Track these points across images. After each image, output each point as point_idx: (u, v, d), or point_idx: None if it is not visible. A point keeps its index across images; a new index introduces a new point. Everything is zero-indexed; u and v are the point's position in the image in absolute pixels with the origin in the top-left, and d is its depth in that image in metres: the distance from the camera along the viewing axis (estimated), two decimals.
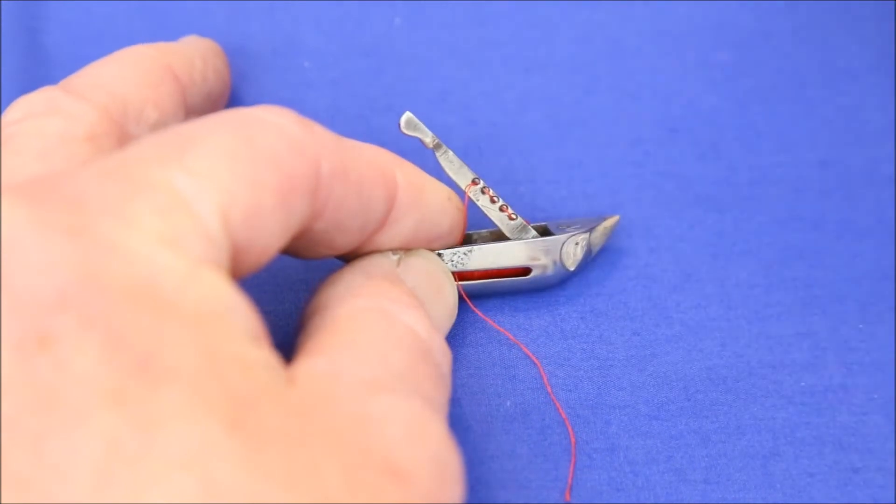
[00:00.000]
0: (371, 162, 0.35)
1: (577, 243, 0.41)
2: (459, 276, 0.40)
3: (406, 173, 0.36)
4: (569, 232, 0.41)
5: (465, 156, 0.45)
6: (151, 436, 0.25)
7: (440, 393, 0.34)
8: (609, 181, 0.44)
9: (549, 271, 0.41)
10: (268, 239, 0.31)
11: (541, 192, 0.45)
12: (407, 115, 0.40)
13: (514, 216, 0.41)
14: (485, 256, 0.40)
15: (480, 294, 0.41)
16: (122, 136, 0.36)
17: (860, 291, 0.43)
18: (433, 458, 0.30)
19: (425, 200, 0.37)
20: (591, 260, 0.42)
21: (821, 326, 0.42)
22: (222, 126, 0.31)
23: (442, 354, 0.35)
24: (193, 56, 0.41)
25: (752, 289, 0.43)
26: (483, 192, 0.41)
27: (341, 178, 0.33)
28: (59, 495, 0.24)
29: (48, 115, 0.35)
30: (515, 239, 0.41)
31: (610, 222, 0.42)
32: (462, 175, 0.41)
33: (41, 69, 0.47)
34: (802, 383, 0.40)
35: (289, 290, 0.42)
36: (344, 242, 0.35)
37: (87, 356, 0.26)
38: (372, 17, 0.49)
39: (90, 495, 0.24)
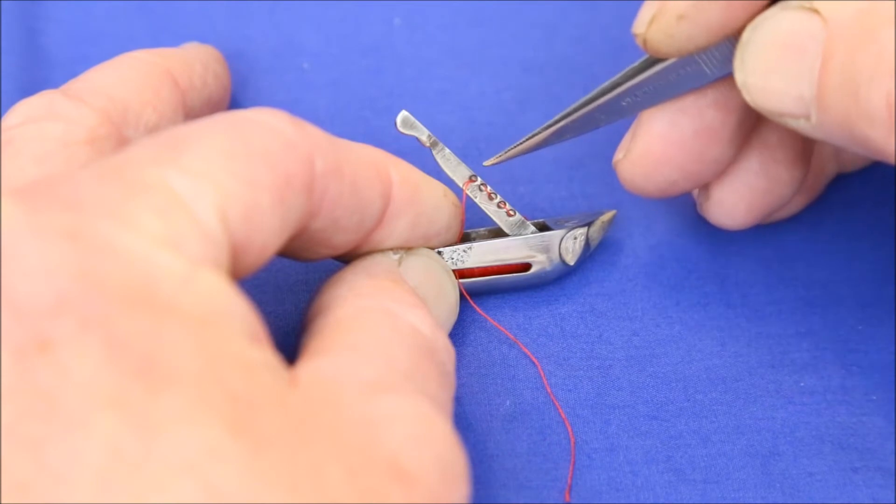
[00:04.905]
0: (365, 160, 0.35)
1: (575, 238, 0.41)
2: (459, 273, 0.40)
3: (400, 171, 0.36)
4: (567, 227, 0.41)
5: (464, 156, 0.45)
6: (152, 439, 0.25)
7: (444, 392, 0.34)
8: (609, 181, 0.44)
9: (549, 266, 0.41)
10: (266, 237, 0.31)
11: (541, 191, 0.45)
12: (403, 113, 0.40)
13: (512, 212, 0.41)
14: (484, 253, 0.40)
15: (481, 291, 0.41)
16: (122, 140, 0.36)
17: (860, 291, 0.43)
18: (438, 459, 0.30)
19: (421, 197, 0.37)
20: (589, 255, 0.42)
21: (821, 326, 0.42)
22: (217, 127, 0.31)
23: (446, 353, 0.35)
24: (193, 61, 0.41)
25: (751, 288, 0.43)
26: (480, 189, 0.41)
27: (336, 175, 0.33)
28: (60, 499, 0.24)
29: (49, 119, 0.35)
30: (514, 235, 0.41)
31: (607, 216, 0.43)
32: (459, 172, 0.41)
33: (40, 70, 0.47)
34: (802, 383, 0.40)
35: (289, 290, 0.42)
36: (342, 241, 0.35)
37: (87, 360, 0.26)
38: (371, 17, 0.49)
39: (91, 499, 0.24)
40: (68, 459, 0.25)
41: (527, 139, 0.40)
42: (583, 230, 0.41)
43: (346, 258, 0.37)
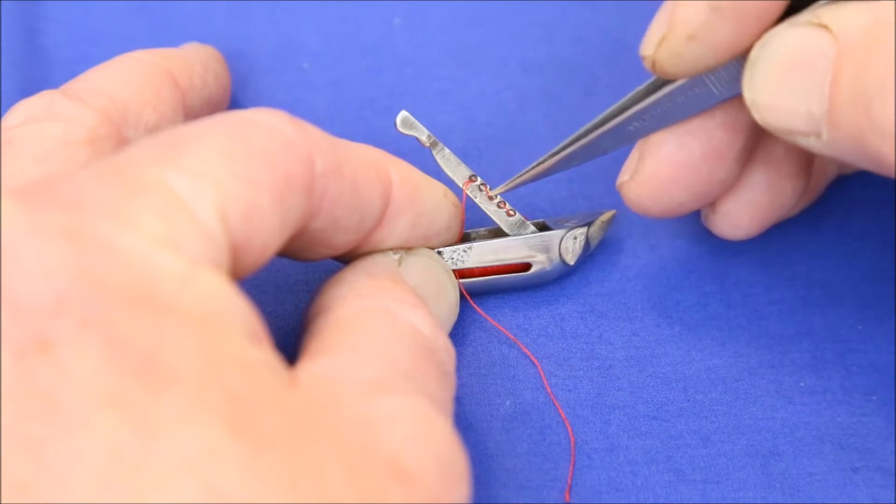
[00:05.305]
0: (365, 160, 0.35)
1: (575, 238, 0.41)
2: (460, 273, 0.40)
3: (400, 171, 0.36)
4: (567, 227, 0.41)
5: (464, 156, 0.45)
6: (152, 440, 0.25)
7: (445, 392, 0.34)
8: (609, 181, 0.44)
9: (549, 266, 0.41)
10: (266, 237, 0.31)
11: (541, 191, 0.45)
12: (403, 113, 0.40)
13: (512, 212, 0.41)
14: (484, 253, 0.40)
15: (481, 292, 0.41)
16: (122, 140, 0.36)
17: (860, 291, 0.43)
18: (438, 459, 0.30)
19: (421, 196, 0.37)
20: (589, 255, 0.42)
21: (821, 326, 0.42)
22: (217, 127, 0.31)
23: (446, 353, 0.35)
24: (193, 61, 0.41)
25: (751, 288, 0.43)
26: (480, 189, 0.41)
27: (335, 175, 0.33)
28: (60, 499, 0.24)
29: (48, 119, 0.35)
30: (514, 235, 0.41)
31: (607, 216, 0.43)
32: (459, 172, 0.41)
33: (40, 70, 0.47)
34: (802, 383, 0.41)
35: (289, 291, 0.42)
36: (342, 241, 0.35)
37: (87, 360, 0.26)
38: (371, 17, 0.49)
39: (91, 499, 0.24)
40: (68, 459, 0.25)
41: (535, 166, 0.40)
42: (583, 230, 0.41)
43: (346, 258, 0.37)
